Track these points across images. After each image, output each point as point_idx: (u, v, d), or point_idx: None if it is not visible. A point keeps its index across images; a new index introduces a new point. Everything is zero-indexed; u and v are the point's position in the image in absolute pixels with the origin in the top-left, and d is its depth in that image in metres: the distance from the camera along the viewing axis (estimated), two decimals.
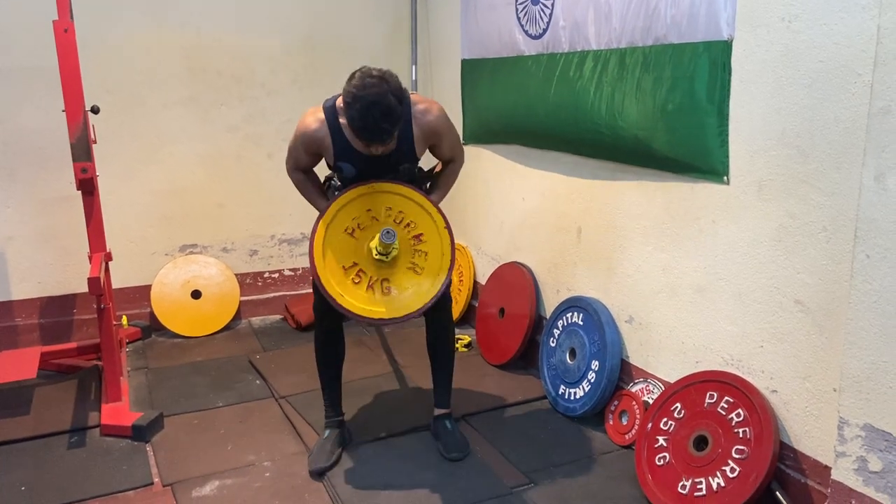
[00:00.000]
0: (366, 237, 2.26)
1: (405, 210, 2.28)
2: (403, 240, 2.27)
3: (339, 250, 2.25)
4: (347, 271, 2.25)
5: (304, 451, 2.55)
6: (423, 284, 2.28)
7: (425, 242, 2.30)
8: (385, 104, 2.03)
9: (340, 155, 2.30)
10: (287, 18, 3.81)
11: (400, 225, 2.27)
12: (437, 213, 2.32)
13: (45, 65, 3.20)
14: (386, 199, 2.28)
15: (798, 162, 1.97)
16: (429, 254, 2.30)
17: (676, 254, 2.45)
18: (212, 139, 3.78)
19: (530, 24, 2.99)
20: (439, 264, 2.30)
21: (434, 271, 2.29)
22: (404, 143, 2.30)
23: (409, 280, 2.28)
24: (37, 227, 3.49)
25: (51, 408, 2.89)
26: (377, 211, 2.27)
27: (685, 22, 2.24)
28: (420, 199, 2.31)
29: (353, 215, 2.26)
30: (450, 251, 2.31)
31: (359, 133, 2.08)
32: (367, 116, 2.03)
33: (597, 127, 2.61)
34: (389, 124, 2.06)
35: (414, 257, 2.29)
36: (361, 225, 2.26)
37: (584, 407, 2.73)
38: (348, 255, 2.25)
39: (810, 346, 2.01)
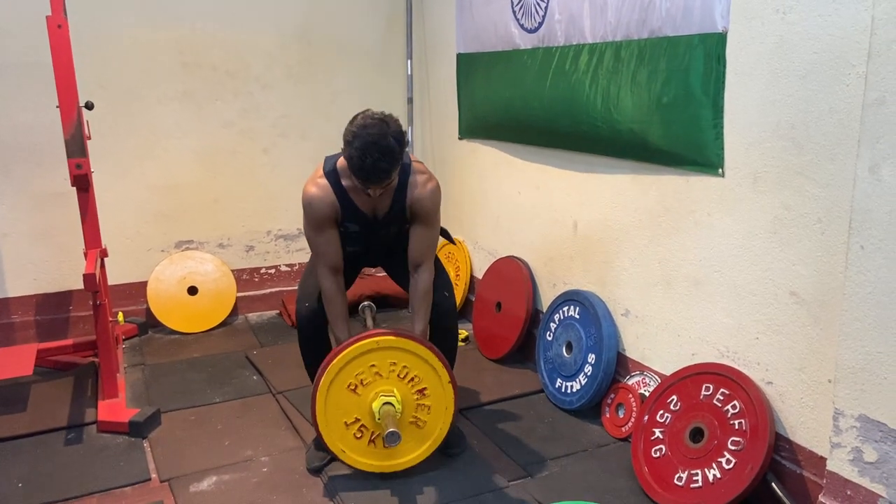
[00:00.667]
0: (368, 393, 2.27)
1: (409, 365, 2.28)
2: (406, 394, 2.29)
3: (340, 406, 2.26)
4: (349, 427, 2.28)
5: (301, 447, 2.55)
6: (426, 438, 2.33)
7: (428, 397, 2.31)
8: (385, 145, 2.06)
9: (347, 216, 2.33)
10: (281, 13, 3.80)
11: (404, 379, 2.28)
12: (441, 369, 2.30)
13: (39, 61, 3.19)
14: (390, 354, 2.26)
15: (793, 154, 1.97)
16: (432, 408, 2.32)
17: (672, 247, 2.45)
18: (207, 134, 3.77)
19: (526, 18, 2.99)
20: (442, 418, 2.33)
21: (437, 425, 2.33)
22: (398, 205, 2.34)
23: (411, 434, 2.32)
24: (32, 223, 3.48)
25: (47, 405, 2.88)
26: (381, 367, 2.26)
27: (680, 14, 2.24)
28: (425, 354, 2.28)
29: (356, 371, 2.25)
30: (453, 405, 2.33)
31: (357, 172, 2.10)
32: (366, 157, 2.05)
33: (592, 120, 2.61)
34: (388, 164, 2.08)
35: (417, 411, 2.31)
36: (364, 381, 2.26)
37: (581, 400, 2.74)
38: (350, 412, 2.27)
39: (805, 338, 2.01)
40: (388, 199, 2.33)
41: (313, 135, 3.93)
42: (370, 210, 2.35)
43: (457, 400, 2.34)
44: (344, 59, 3.97)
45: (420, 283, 2.38)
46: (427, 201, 2.34)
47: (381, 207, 2.35)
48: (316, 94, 3.92)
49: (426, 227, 2.37)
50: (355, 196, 2.31)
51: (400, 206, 2.35)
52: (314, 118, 3.93)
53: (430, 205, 2.35)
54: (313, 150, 3.93)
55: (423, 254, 2.38)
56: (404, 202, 2.34)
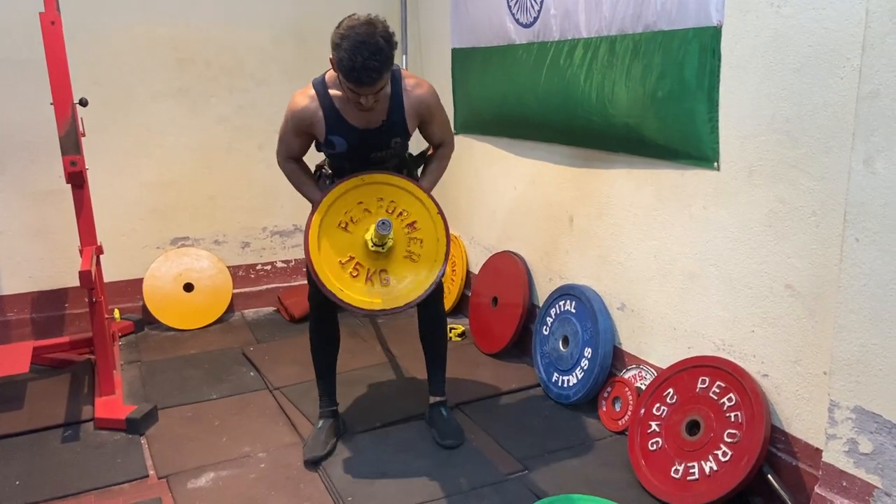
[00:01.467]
0: (360, 230, 2.26)
1: (396, 199, 2.28)
2: (398, 229, 2.27)
3: (334, 245, 2.25)
4: (345, 265, 2.25)
5: (298, 442, 2.55)
6: (421, 272, 2.29)
7: (419, 230, 2.30)
8: (374, 43, 2.03)
9: (332, 129, 2.28)
10: (275, 9, 3.78)
11: (392, 214, 2.27)
12: (428, 200, 2.32)
13: (32, 57, 3.17)
14: (376, 189, 2.27)
15: (788, 147, 1.98)
16: (424, 241, 2.31)
17: (667, 240, 2.46)
18: (202, 131, 3.76)
19: (521, 13, 2.98)
20: (435, 250, 2.31)
21: (431, 258, 2.31)
22: (396, 115, 2.30)
23: (407, 269, 2.29)
24: (27, 221, 3.47)
25: (44, 402, 2.88)
26: (368, 203, 2.27)
27: (675, 8, 2.24)
28: (411, 188, 2.30)
29: (344, 209, 2.25)
30: (444, 237, 2.32)
31: (348, 74, 2.05)
32: (356, 56, 2.02)
33: (587, 115, 2.61)
34: (378, 62, 2.03)
35: (410, 245, 2.30)
36: (354, 218, 2.26)
37: (578, 394, 2.74)
38: (344, 250, 2.25)
39: (801, 330, 2.02)
40: (385, 108, 2.28)
41: None
42: (362, 122, 2.28)
43: (448, 231, 2.33)
44: None
45: (440, 151, 2.50)
46: (428, 99, 2.35)
47: (376, 117, 2.28)
48: None
49: (438, 121, 2.42)
50: (343, 107, 2.25)
51: (399, 113, 2.30)
52: None
53: (433, 100, 2.37)
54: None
55: (442, 135, 2.48)
56: (402, 110, 2.30)
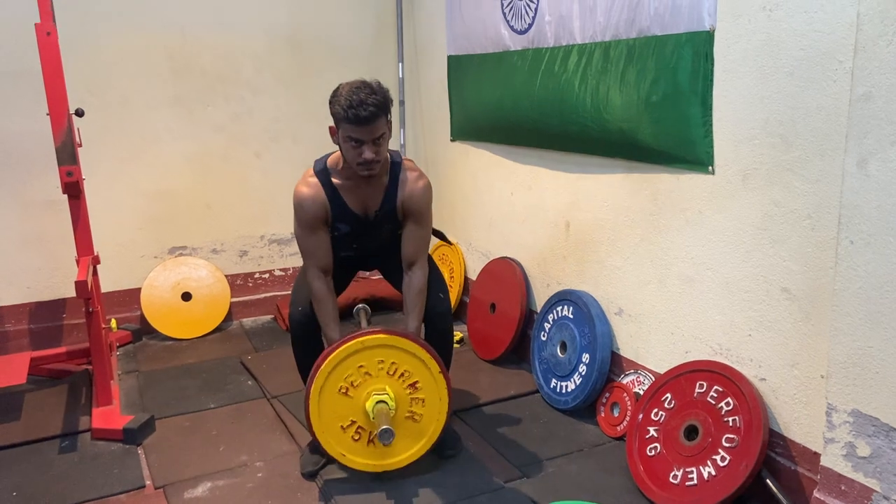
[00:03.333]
0: (360, 394, 2.25)
1: (398, 361, 2.26)
2: (399, 390, 2.27)
3: (335, 411, 2.24)
4: (346, 430, 2.26)
5: (296, 451, 2.55)
6: (424, 431, 2.32)
7: (421, 389, 2.29)
8: (370, 84, 2.12)
9: (338, 216, 2.33)
10: (271, 17, 3.79)
11: (394, 376, 2.26)
12: (430, 360, 2.28)
13: (28, 68, 3.18)
14: (377, 353, 2.25)
15: (781, 150, 1.98)
16: (426, 400, 2.30)
17: (664, 245, 2.46)
18: (198, 139, 3.77)
19: (516, 19, 2.99)
20: (438, 409, 2.31)
21: (433, 417, 2.31)
22: (389, 203, 2.35)
23: (409, 429, 2.30)
24: (24, 231, 3.47)
25: (41, 413, 2.87)
26: (369, 366, 2.25)
27: (668, 13, 2.25)
28: (412, 347, 2.26)
29: (344, 374, 2.23)
30: (447, 395, 2.31)
31: (346, 111, 2.07)
32: (353, 96, 2.07)
33: (582, 120, 2.62)
34: (376, 99, 2.09)
35: (411, 406, 2.30)
36: (355, 383, 2.24)
37: (576, 400, 2.74)
38: (345, 415, 2.25)
39: (797, 334, 2.02)
40: (380, 196, 2.33)
41: (305, 138, 3.92)
42: (361, 209, 2.35)
43: (451, 390, 2.33)
44: (335, 62, 3.96)
45: (414, 280, 2.38)
46: (418, 198, 2.34)
47: (373, 205, 2.35)
48: (307, 97, 3.91)
49: (418, 225, 2.38)
50: (346, 194, 2.31)
51: (391, 203, 2.35)
52: (305, 122, 3.93)
53: (422, 201, 2.35)
54: (305, 154, 3.88)
55: (416, 252, 2.39)
56: (395, 200, 2.35)
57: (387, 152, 2.28)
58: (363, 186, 2.31)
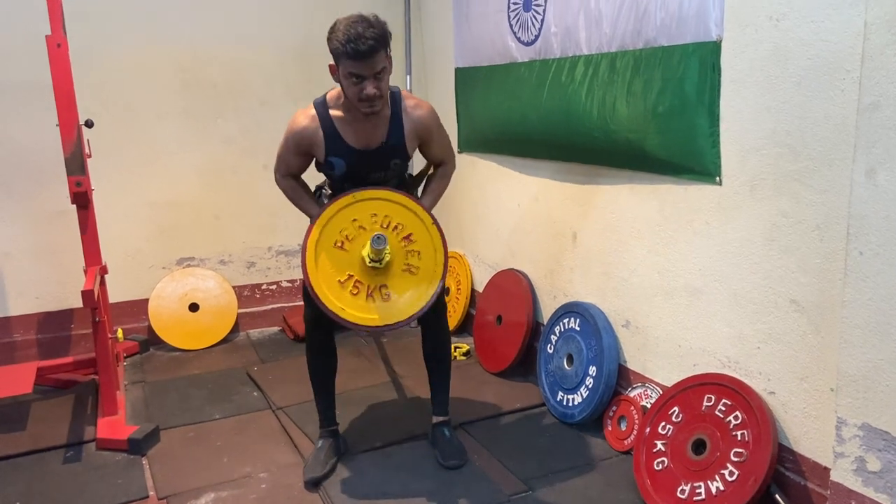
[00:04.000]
0: (356, 247, 2.25)
1: (390, 213, 2.28)
2: (394, 243, 2.27)
3: (332, 265, 2.24)
4: (344, 284, 2.25)
5: (300, 463, 2.53)
6: (422, 284, 2.29)
7: (416, 242, 2.29)
8: (367, 18, 2.08)
9: (331, 150, 2.29)
10: (280, 30, 3.82)
11: (387, 229, 2.27)
12: (422, 212, 2.31)
13: (39, 80, 3.20)
14: (369, 206, 2.27)
15: (789, 160, 1.96)
16: (421, 252, 2.30)
17: (671, 256, 2.44)
18: (207, 151, 3.78)
19: (522, 31, 2.99)
20: (434, 261, 2.30)
21: (430, 269, 2.30)
22: (395, 136, 2.31)
23: (407, 282, 2.28)
24: (34, 242, 3.49)
25: (47, 423, 2.87)
26: (363, 220, 2.26)
27: (674, 24, 2.24)
28: (404, 200, 2.29)
29: (339, 228, 2.25)
30: (442, 246, 2.31)
31: (345, 46, 2.04)
32: (351, 30, 2.04)
33: (589, 130, 2.61)
34: (374, 33, 2.05)
35: (407, 258, 2.29)
36: (349, 236, 2.25)
37: (583, 413, 2.71)
38: (342, 268, 2.25)
39: (806, 346, 1.99)
40: (385, 128, 2.29)
41: None
42: (363, 143, 2.29)
43: (445, 241, 2.32)
44: None
45: (440, 168, 2.48)
46: (428, 120, 2.35)
47: (375, 139, 2.30)
48: None
49: (437, 142, 2.41)
50: (344, 128, 2.27)
51: (398, 135, 2.31)
52: None
53: (433, 121, 2.36)
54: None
55: (443, 155, 2.46)
56: (402, 131, 2.32)
57: (388, 88, 2.23)
58: (364, 120, 2.26)
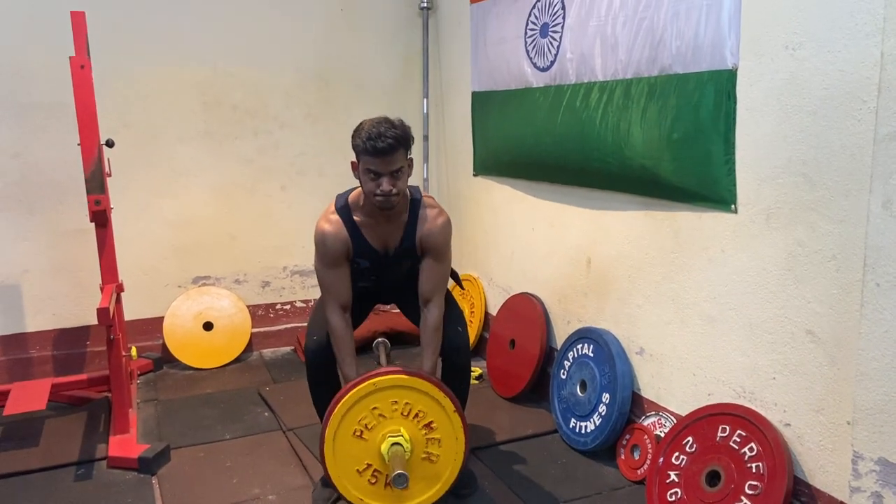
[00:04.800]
0: (375, 436, 2.22)
1: (411, 401, 2.24)
2: (414, 431, 2.24)
3: (350, 454, 2.22)
4: (362, 474, 2.23)
5: (309, 485, 2.52)
6: (441, 473, 2.27)
7: (436, 430, 2.26)
8: (391, 119, 2.18)
9: (358, 252, 2.35)
10: (300, 54, 3.87)
11: (408, 417, 2.24)
12: (444, 398, 2.25)
13: (62, 100, 3.28)
14: (390, 394, 2.22)
15: (805, 190, 1.95)
16: (442, 440, 2.26)
17: (686, 283, 2.42)
18: (226, 172, 3.83)
19: (538, 57, 3.01)
20: (454, 449, 2.27)
21: (450, 457, 2.27)
22: (408, 240, 2.36)
23: (426, 470, 2.27)
24: (52, 259, 3.53)
25: (60, 439, 2.89)
26: (383, 408, 2.22)
27: (690, 52, 2.24)
28: (425, 387, 2.24)
29: (358, 417, 2.21)
30: (463, 434, 2.27)
31: (366, 143, 2.12)
32: (374, 129, 2.13)
33: (603, 156, 2.61)
34: (396, 132, 2.13)
35: (428, 446, 2.26)
36: (369, 425, 2.22)
37: (596, 441, 2.68)
38: (361, 458, 2.22)
39: (823, 378, 1.96)
40: (399, 233, 2.34)
41: (330, 172, 3.97)
42: (381, 245, 2.36)
43: (467, 429, 2.28)
44: (361, 98, 4.02)
45: (430, 318, 2.36)
46: (437, 235, 2.34)
47: (392, 242, 2.35)
48: (333, 132, 3.96)
49: (436, 262, 2.37)
50: (367, 231, 2.33)
51: (410, 240, 2.35)
52: (331, 156, 3.97)
53: (441, 239, 2.35)
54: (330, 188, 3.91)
55: (433, 289, 2.37)
56: (415, 236, 2.35)
57: (406, 188, 2.29)
58: (383, 223, 2.32)
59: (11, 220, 3.44)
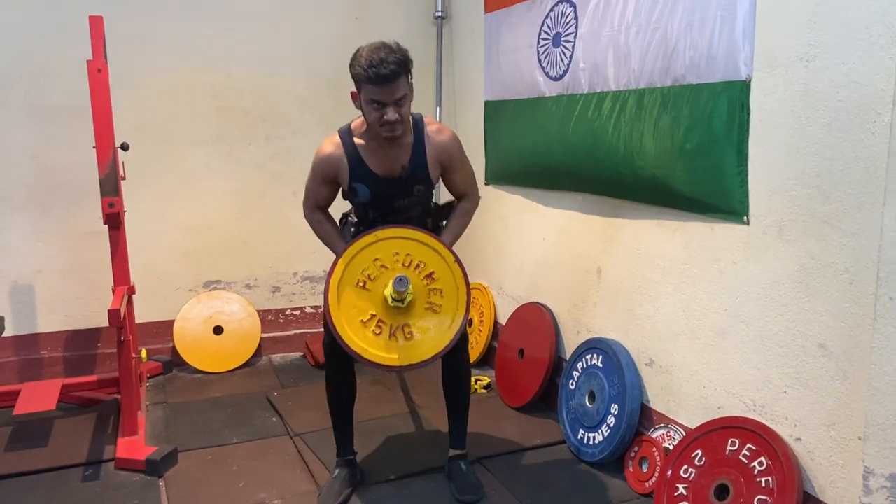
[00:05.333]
0: (378, 287, 2.26)
1: (412, 252, 2.28)
2: (416, 281, 2.27)
3: (354, 305, 2.24)
4: (367, 324, 2.25)
5: (315, 490, 2.51)
6: (444, 321, 2.29)
7: (438, 280, 2.30)
8: (389, 44, 2.13)
9: (355, 175, 2.32)
10: (314, 61, 3.89)
11: (409, 267, 2.27)
12: (444, 249, 2.31)
13: (78, 104, 3.30)
14: (391, 245, 2.27)
15: (819, 202, 1.93)
16: (444, 290, 2.30)
17: (697, 295, 2.40)
18: (238, 177, 3.85)
19: (551, 66, 3.02)
20: (456, 298, 2.30)
21: (452, 306, 2.30)
22: (417, 161, 2.33)
23: (430, 320, 2.28)
24: (66, 260, 3.56)
25: (68, 440, 2.90)
26: (385, 259, 2.26)
27: (704, 63, 2.24)
28: (426, 239, 2.30)
29: (361, 268, 2.25)
30: (464, 284, 2.31)
31: (367, 71, 2.07)
32: (374, 55, 2.08)
33: (615, 165, 2.60)
34: (396, 58, 2.10)
35: (430, 297, 2.29)
36: (372, 276, 2.25)
37: (604, 452, 2.66)
38: (364, 308, 2.25)
39: (834, 393, 1.93)
40: (407, 155, 2.32)
41: None
42: (386, 169, 2.32)
43: (467, 279, 2.31)
44: None
45: (463, 203, 2.47)
46: (450, 145, 2.37)
47: (400, 164, 2.32)
48: None
49: (460, 169, 2.42)
50: (368, 155, 2.31)
51: (420, 161, 2.33)
52: None
53: (454, 148, 2.38)
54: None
55: (465, 187, 2.46)
56: (424, 157, 2.34)
57: (409, 114, 2.26)
58: (386, 147, 2.29)
59: (27, 220, 3.47)
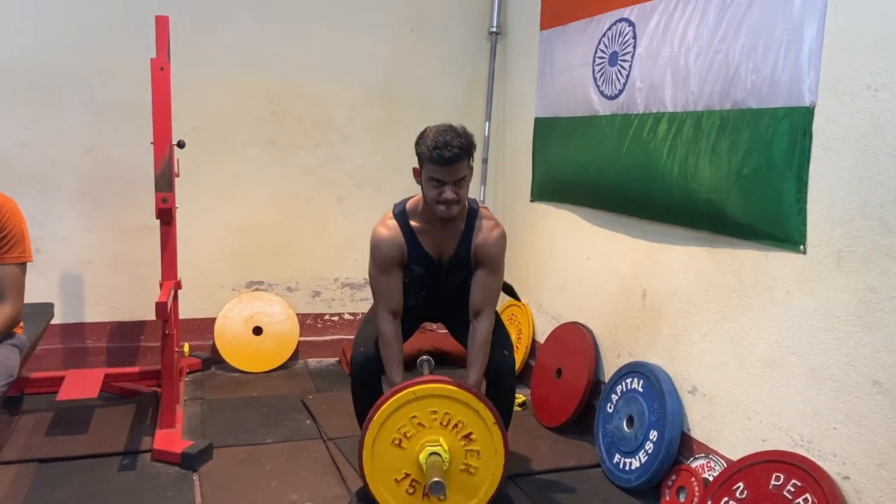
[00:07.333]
0: (414, 445, 2.21)
1: (451, 411, 2.22)
2: (453, 441, 2.22)
3: (388, 463, 2.21)
4: (400, 483, 2.22)
5: (346, 496, 2.51)
6: (481, 486, 2.25)
7: (476, 441, 2.23)
8: (456, 128, 2.21)
9: (413, 257, 2.37)
10: (367, 70, 3.94)
11: (447, 427, 2.22)
12: (485, 410, 2.23)
13: (137, 100, 3.40)
14: (429, 403, 2.21)
15: (881, 234, 1.88)
16: (481, 453, 2.24)
17: (746, 324, 2.35)
18: (287, 180, 3.90)
19: (606, 85, 3.00)
20: (494, 462, 2.24)
21: (489, 470, 2.25)
22: (463, 249, 2.36)
23: (464, 482, 2.24)
24: (115, 253, 3.64)
25: (108, 429, 2.95)
26: (422, 417, 2.21)
27: (766, 87, 2.20)
28: (465, 397, 2.22)
29: (398, 425, 2.20)
30: (503, 448, 2.24)
31: (431, 152, 2.15)
32: (439, 137, 2.16)
33: (668, 188, 2.57)
34: (460, 141, 2.16)
35: (466, 458, 2.24)
36: (408, 434, 2.21)
37: (640, 479, 2.60)
38: (399, 467, 2.21)
39: (887, 431, 1.86)
40: (455, 242, 2.35)
41: (388, 188, 4.00)
42: (436, 253, 2.36)
43: (507, 443, 2.25)
44: (424, 117, 3.99)
45: (479, 331, 2.35)
46: (492, 246, 2.34)
47: (447, 250, 2.36)
48: (394, 148, 4.01)
49: (489, 274, 2.36)
50: (423, 237, 2.34)
51: (466, 249, 2.35)
52: (390, 172, 4.01)
53: (496, 250, 2.35)
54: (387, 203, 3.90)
55: (484, 300, 2.37)
56: (470, 246, 2.35)
57: (466, 197, 2.30)
58: (440, 231, 2.33)
59: (80, 211, 3.56)
